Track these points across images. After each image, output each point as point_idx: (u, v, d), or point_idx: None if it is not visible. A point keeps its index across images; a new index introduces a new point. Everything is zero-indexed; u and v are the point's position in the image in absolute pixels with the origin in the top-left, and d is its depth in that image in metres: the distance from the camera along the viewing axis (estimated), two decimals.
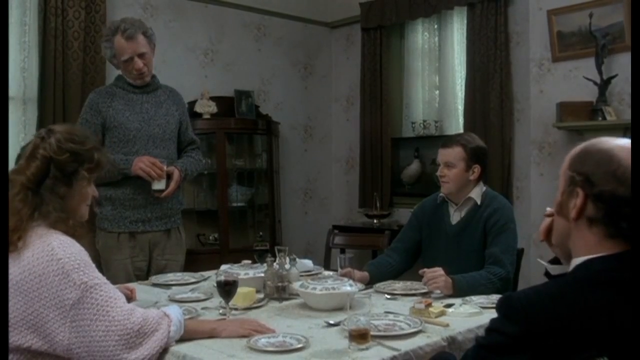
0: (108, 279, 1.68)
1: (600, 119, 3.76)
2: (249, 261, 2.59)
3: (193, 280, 2.67)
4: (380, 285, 2.47)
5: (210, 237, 4.90)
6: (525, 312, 1.19)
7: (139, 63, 2.89)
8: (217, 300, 2.16)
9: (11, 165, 1.78)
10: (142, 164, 2.81)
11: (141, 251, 2.96)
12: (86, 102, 3.00)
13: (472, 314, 2.04)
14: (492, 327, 1.26)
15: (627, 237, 1.20)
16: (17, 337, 1.54)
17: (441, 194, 2.72)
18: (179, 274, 2.83)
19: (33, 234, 1.62)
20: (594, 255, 1.23)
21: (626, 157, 1.21)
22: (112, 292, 1.60)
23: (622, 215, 1.20)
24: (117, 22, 2.93)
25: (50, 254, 1.57)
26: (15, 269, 1.57)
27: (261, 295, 2.27)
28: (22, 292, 1.55)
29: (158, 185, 2.85)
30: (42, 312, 1.54)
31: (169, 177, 2.89)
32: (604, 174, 1.21)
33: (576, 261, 1.27)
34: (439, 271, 2.32)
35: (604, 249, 1.23)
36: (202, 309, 2.12)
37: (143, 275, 2.95)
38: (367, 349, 1.67)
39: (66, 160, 1.71)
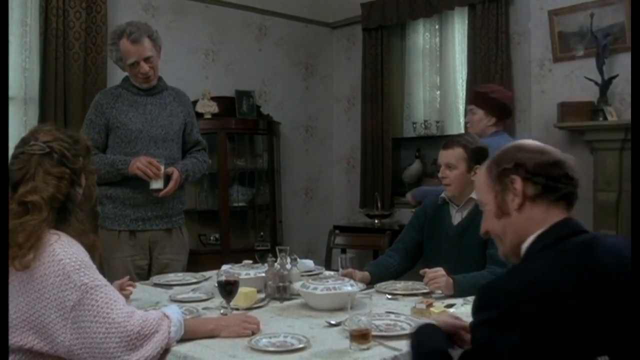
0: (108, 277, 1.68)
1: (601, 119, 3.76)
2: (250, 261, 2.59)
3: (194, 280, 2.67)
4: (381, 286, 2.47)
5: (212, 237, 4.90)
6: (502, 296, 1.27)
7: (144, 67, 2.89)
8: (218, 300, 2.16)
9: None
10: (139, 164, 2.81)
11: (141, 249, 2.97)
12: (92, 103, 3.02)
13: None
14: (478, 322, 1.31)
15: (567, 194, 1.40)
16: (18, 337, 1.54)
17: (442, 195, 2.72)
18: (180, 274, 2.83)
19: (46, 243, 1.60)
20: (543, 229, 1.38)
21: (527, 141, 1.51)
22: (112, 294, 1.60)
23: (556, 177, 1.40)
24: (124, 25, 2.93)
25: (52, 254, 1.56)
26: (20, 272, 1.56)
27: (262, 296, 2.27)
28: (24, 292, 1.54)
29: (155, 184, 2.85)
30: (43, 314, 1.53)
31: (168, 177, 2.89)
32: (527, 153, 1.43)
33: (528, 241, 1.40)
34: (440, 271, 2.32)
35: (551, 217, 1.39)
36: (204, 309, 2.12)
37: (144, 273, 2.95)
38: (368, 349, 1.67)
39: (79, 164, 1.71)
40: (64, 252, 1.58)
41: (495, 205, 1.45)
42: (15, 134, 3.97)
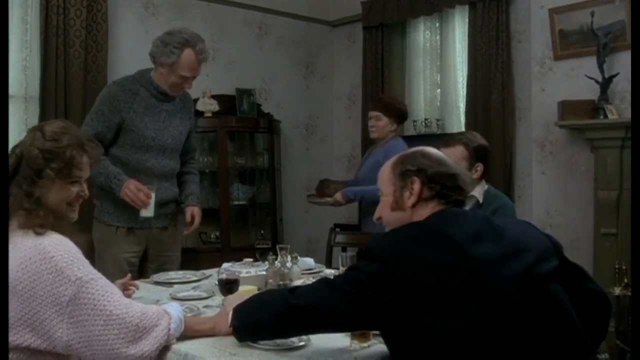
0: (100, 271, 1.67)
1: (601, 117, 3.76)
2: (251, 259, 2.60)
3: (195, 278, 2.68)
4: None
5: (212, 236, 4.90)
6: (384, 250, 1.46)
7: (191, 84, 2.94)
8: (219, 298, 2.17)
9: None
10: (127, 191, 2.77)
11: (137, 246, 2.98)
12: (106, 92, 2.94)
13: None
14: (354, 266, 1.54)
15: (455, 201, 1.60)
16: (15, 336, 1.53)
17: None
18: (180, 272, 2.83)
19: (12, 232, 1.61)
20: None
21: (431, 149, 1.70)
22: (107, 287, 1.60)
23: (450, 187, 1.60)
24: (191, 35, 2.90)
25: (43, 252, 1.56)
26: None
27: None
28: (17, 292, 1.54)
29: (145, 212, 2.80)
30: (39, 311, 1.53)
31: (180, 211, 3.05)
32: (429, 161, 1.62)
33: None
34: None
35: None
36: (204, 307, 2.12)
37: (135, 270, 2.95)
38: (368, 347, 1.67)
39: (35, 157, 1.67)
40: (55, 248, 1.57)
41: (393, 198, 1.64)
42: (15, 133, 3.98)
